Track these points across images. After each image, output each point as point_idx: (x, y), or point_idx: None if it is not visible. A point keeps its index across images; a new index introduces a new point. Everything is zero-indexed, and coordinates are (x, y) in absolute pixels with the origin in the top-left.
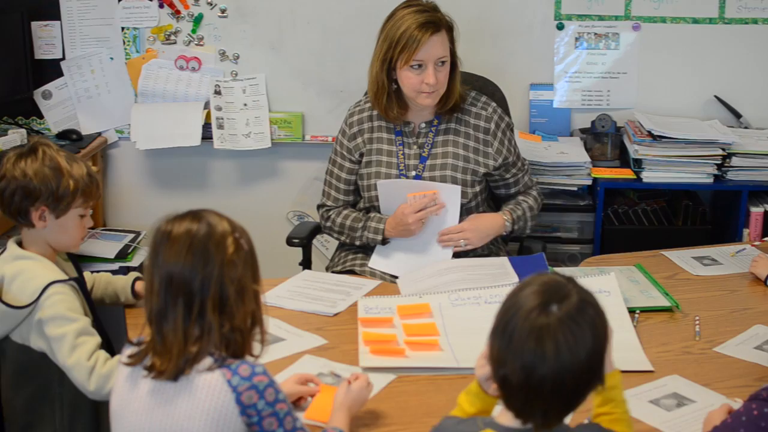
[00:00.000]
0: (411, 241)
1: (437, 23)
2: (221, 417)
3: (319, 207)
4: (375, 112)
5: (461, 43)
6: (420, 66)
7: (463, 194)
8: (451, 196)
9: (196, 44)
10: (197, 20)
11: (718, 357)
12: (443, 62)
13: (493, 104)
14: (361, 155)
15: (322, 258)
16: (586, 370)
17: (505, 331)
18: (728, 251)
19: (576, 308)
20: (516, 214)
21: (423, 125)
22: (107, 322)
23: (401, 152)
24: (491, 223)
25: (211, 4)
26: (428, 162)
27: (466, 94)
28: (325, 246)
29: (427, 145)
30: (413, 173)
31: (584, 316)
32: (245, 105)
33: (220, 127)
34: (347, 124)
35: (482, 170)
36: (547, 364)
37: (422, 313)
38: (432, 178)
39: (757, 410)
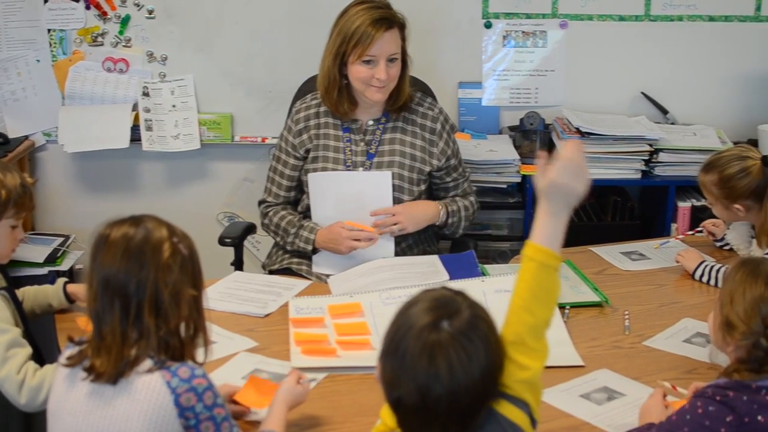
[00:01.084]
0: None
1: (391, 20)
2: (159, 418)
3: (260, 203)
4: (322, 109)
5: None
6: (372, 61)
7: (409, 192)
8: (382, 182)
9: (124, 46)
10: (124, 22)
11: (647, 351)
12: (394, 59)
13: (440, 105)
14: (307, 152)
15: (254, 259)
16: (481, 386)
17: (397, 351)
18: (654, 245)
19: (468, 324)
20: (451, 207)
21: (371, 122)
22: (36, 330)
23: (348, 149)
24: (424, 209)
25: (139, 6)
26: (375, 159)
27: (413, 94)
28: (256, 247)
29: (375, 142)
30: (360, 170)
31: (476, 332)
32: (174, 106)
33: (149, 128)
34: (293, 121)
35: (427, 169)
36: (442, 383)
37: (353, 312)
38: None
39: (702, 408)
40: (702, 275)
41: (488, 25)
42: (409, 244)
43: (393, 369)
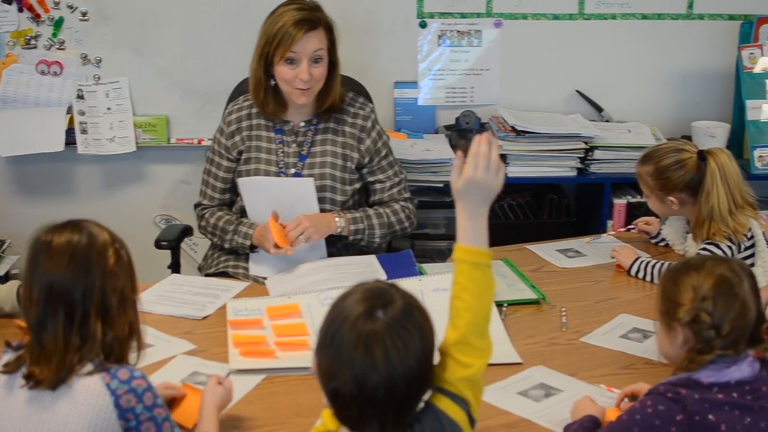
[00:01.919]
0: None
1: (314, 21)
2: (99, 421)
3: (195, 206)
4: (254, 110)
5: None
6: (294, 62)
7: (342, 192)
8: (305, 188)
9: (58, 48)
10: (58, 24)
11: (584, 347)
12: (319, 59)
13: (371, 105)
14: (240, 153)
15: (191, 261)
16: (417, 374)
17: (333, 342)
18: (591, 244)
19: (402, 312)
20: (353, 215)
21: (302, 124)
22: None
23: (281, 150)
24: (321, 219)
25: (72, 8)
26: (307, 160)
27: (344, 94)
28: (193, 249)
29: (306, 144)
30: (292, 171)
31: (411, 320)
32: (109, 109)
33: (84, 131)
34: (225, 123)
35: (356, 166)
36: (378, 372)
37: (291, 313)
38: (311, 177)
39: (652, 408)
40: (638, 271)
41: (423, 25)
42: (345, 244)
43: (329, 360)
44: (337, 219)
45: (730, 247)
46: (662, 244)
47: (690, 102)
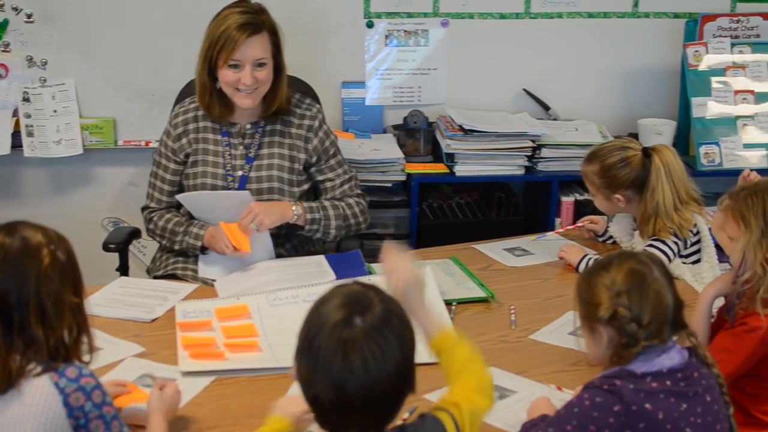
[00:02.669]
0: None
1: (258, 25)
2: (49, 420)
3: (143, 209)
4: (201, 113)
5: None
6: (238, 66)
7: (290, 194)
8: (244, 202)
9: (3, 50)
10: (2, 26)
11: (533, 344)
12: (263, 64)
13: (318, 106)
14: (187, 156)
15: (140, 264)
16: (396, 380)
17: (311, 349)
18: (539, 242)
19: (380, 319)
20: (310, 205)
21: (249, 126)
22: None
23: (228, 153)
24: (274, 206)
25: (17, 9)
26: (255, 163)
27: (291, 96)
28: (142, 252)
29: (254, 146)
30: (239, 173)
31: (389, 327)
32: (55, 111)
33: (30, 134)
34: (172, 125)
35: (303, 167)
36: (356, 378)
37: (240, 314)
38: (258, 179)
39: (589, 400)
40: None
41: (370, 25)
42: (294, 245)
43: (308, 367)
44: (294, 207)
45: (676, 243)
46: (610, 241)
47: (636, 100)
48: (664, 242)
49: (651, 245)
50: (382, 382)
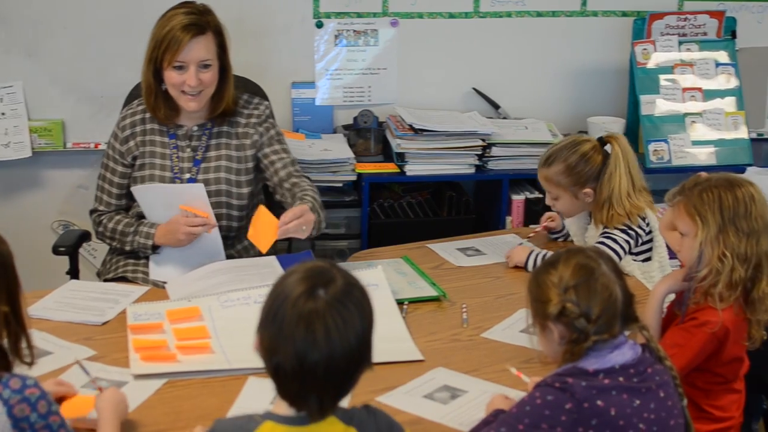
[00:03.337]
0: (184, 248)
1: (203, 25)
2: None
3: (91, 212)
4: (148, 115)
5: None
6: (182, 67)
7: (238, 196)
8: (198, 194)
9: None
10: None
11: (485, 342)
12: (207, 65)
13: (266, 102)
14: (134, 159)
15: (90, 267)
16: (356, 351)
17: (275, 319)
18: (492, 241)
19: (342, 291)
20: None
21: (195, 128)
22: None
23: (175, 155)
24: (307, 210)
25: None
26: (202, 165)
27: (239, 97)
28: (92, 254)
29: (201, 149)
30: (187, 176)
31: (351, 298)
32: (2, 114)
33: None
34: (119, 128)
35: (252, 164)
36: (319, 349)
37: (192, 316)
38: (206, 181)
39: (541, 398)
40: (534, 264)
41: (319, 25)
42: (244, 246)
43: (271, 337)
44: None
45: (627, 241)
46: (561, 239)
47: (585, 98)
48: (614, 240)
49: (602, 242)
50: (343, 353)
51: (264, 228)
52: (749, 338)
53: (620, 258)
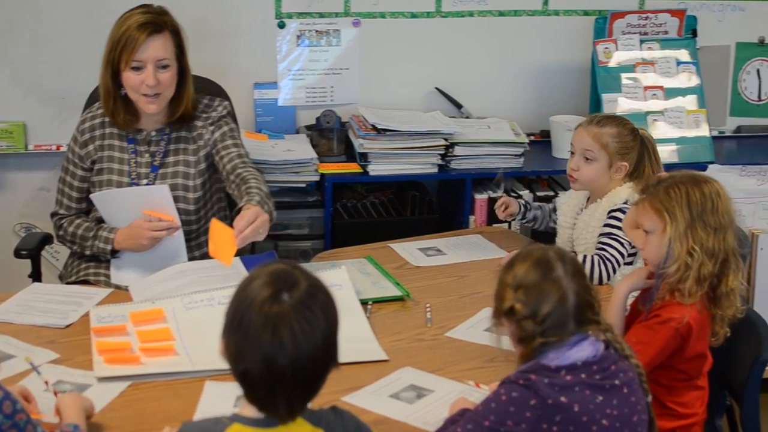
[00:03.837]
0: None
1: (160, 24)
2: None
3: (52, 215)
4: (108, 119)
5: None
6: (140, 68)
7: (195, 201)
8: (162, 196)
9: None
10: None
11: (449, 342)
12: (166, 65)
13: (225, 103)
14: (93, 163)
15: (53, 269)
16: (323, 352)
17: (240, 325)
18: (455, 240)
19: (306, 294)
20: (257, 198)
21: (154, 133)
22: None
23: (133, 160)
24: (261, 213)
25: None
26: (160, 171)
27: (199, 101)
28: (55, 257)
29: (159, 154)
30: (144, 182)
31: (315, 301)
32: None
33: None
34: (79, 131)
35: (204, 165)
36: (286, 353)
37: (156, 318)
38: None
39: (506, 395)
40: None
41: (282, 25)
42: (203, 252)
43: (237, 343)
44: (263, 213)
45: (629, 243)
46: (531, 224)
47: (548, 97)
48: (621, 243)
49: (607, 245)
50: (310, 356)
51: (222, 241)
52: (713, 335)
53: (619, 265)
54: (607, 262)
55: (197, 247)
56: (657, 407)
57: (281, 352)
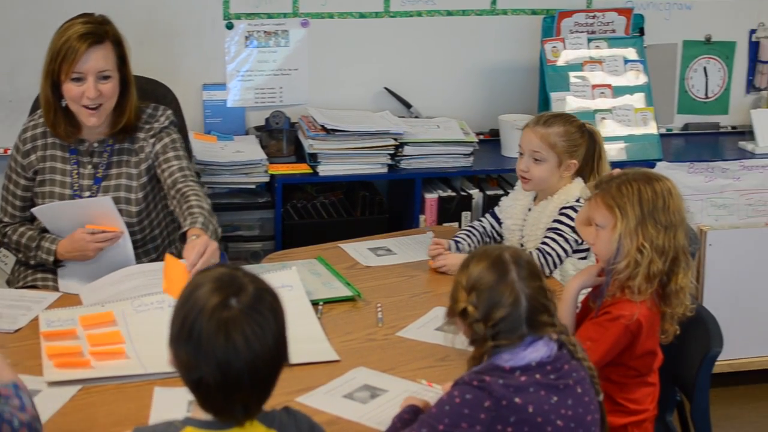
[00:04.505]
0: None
1: (101, 35)
2: None
3: None
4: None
5: (131, 47)
6: (81, 79)
7: (137, 214)
8: (105, 207)
9: None
10: None
11: (401, 341)
12: (107, 77)
13: (168, 112)
14: (36, 173)
15: (2, 274)
16: (275, 353)
17: (191, 334)
18: (405, 240)
19: (254, 297)
20: (195, 218)
21: (96, 144)
22: None
23: (75, 172)
24: (211, 242)
25: None
26: (103, 183)
27: (143, 111)
28: (3, 261)
29: (102, 166)
30: (87, 194)
31: (264, 303)
32: None
33: None
34: (21, 140)
35: (146, 178)
36: (241, 357)
37: (106, 322)
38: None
39: (459, 397)
40: None
41: (230, 26)
42: (156, 245)
43: (189, 352)
44: (210, 237)
45: (576, 240)
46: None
47: (497, 96)
48: (565, 238)
49: (550, 239)
50: (264, 357)
51: (176, 277)
52: (663, 332)
53: (561, 260)
54: (547, 256)
55: (144, 254)
56: (608, 404)
57: (236, 357)
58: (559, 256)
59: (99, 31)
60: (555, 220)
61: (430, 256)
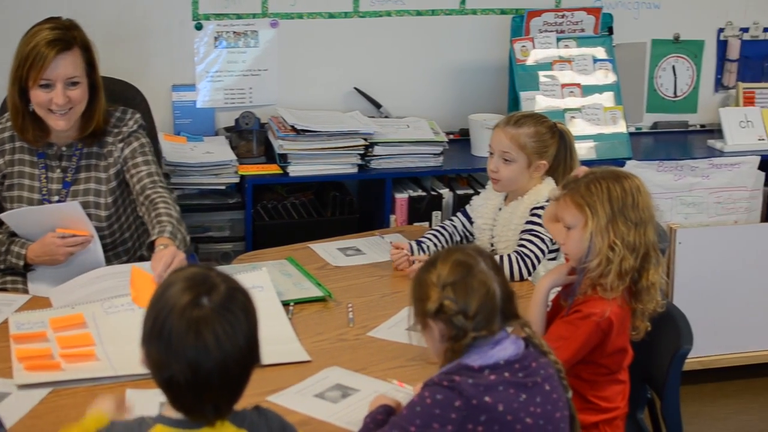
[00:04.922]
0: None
1: (69, 41)
2: None
3: None
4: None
5: (100, 48)
6: (49, 85)
7: (107, 218)
8: (74, 212)
9: None
10: None
11: (372, 341)
12: (75, 82)
13: (137, 116)
14: (4, 177)
15: None
16: (247, 353)
17: (162, 332)
18: (374, 240)
19: (226, 296)
20: (164, 226)
21: (65, 148)
22: None
23: (44, 176)
24: (177, 252)
25: None
26: (72, 188)
27: (111, 115)
28: None
29: (71, 170)
30: (56, 198)
31: (235, 302)
32: None
33: None
34: None
35: (114, 183)
36: (211, 356)
37: (76, 324)
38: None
39: (430, 398)
40: None
41: (199, 27)
42: (126, 248)
43: (160, 351)
44: (176, 246)
45: (551, 239)
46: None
47: (466, 95)
48: (541, 239)
49: (527, 241)
50: (234, 357)
51: (143, 288)
52: (633, 329)
53: (539, 261)
54: (526, 258)
55: (115, 257)
56: (579, 402)
57: (206, 356)
58: (537, 257)
59: (67, 37)
60: (528, 222)
61: (395, 265)
